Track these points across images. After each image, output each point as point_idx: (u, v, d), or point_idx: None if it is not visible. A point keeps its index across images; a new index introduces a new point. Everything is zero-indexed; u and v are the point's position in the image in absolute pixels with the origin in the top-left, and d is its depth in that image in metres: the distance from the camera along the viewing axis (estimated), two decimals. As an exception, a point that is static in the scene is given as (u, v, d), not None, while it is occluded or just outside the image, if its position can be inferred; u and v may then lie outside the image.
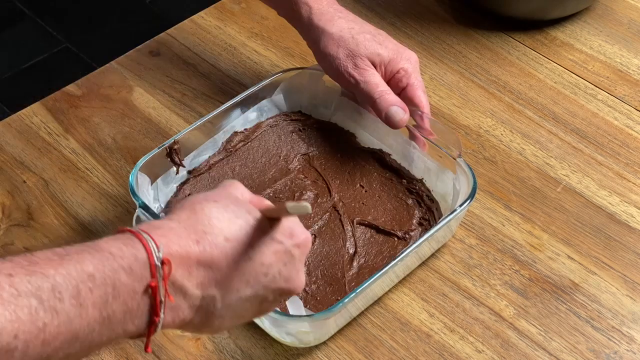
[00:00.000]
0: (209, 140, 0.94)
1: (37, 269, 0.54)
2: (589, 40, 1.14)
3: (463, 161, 0.89)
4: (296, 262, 0.64)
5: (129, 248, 0.57)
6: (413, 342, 0.84)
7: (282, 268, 0.63)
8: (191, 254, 0.59)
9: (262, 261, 0.62)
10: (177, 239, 0.59)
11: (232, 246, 0.60)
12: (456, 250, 0.91)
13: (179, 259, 0.59)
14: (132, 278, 0.57)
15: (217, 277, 0.60)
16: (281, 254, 0.62)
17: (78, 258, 0.56)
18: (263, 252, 0.62)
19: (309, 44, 0.95)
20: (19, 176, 0.97)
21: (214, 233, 0.60)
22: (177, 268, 0.58)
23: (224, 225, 0.61)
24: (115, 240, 0.58)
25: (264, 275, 0.62)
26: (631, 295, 0.88)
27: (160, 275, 0.57)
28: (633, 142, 1.02)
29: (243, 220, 0.62)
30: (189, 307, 0.60)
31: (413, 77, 0.92)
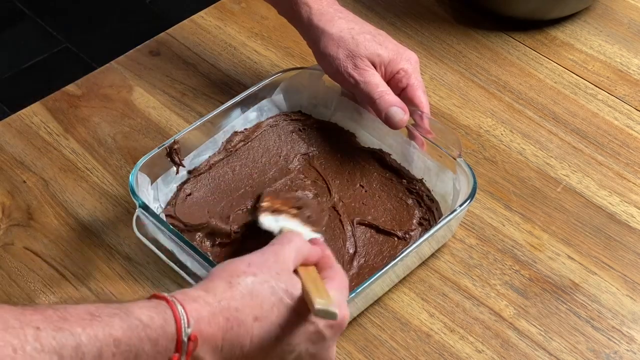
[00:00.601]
0: (209, 140, 0.94)
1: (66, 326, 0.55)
2: (589, 40, 1.14)
3: (463, 161, 0.89)
4: (327, 341, 0.64)
5: (159, 319, 0.58)
6: (413, 342, 0.84)
7: (310, 346, 0.63)
8: (219, 332, 0.60)
9: (290, 341, 0.62)
10: (209, 316, 0.60)
11: (260, 326, 0.61)
12: (456, 250, 0.91)
13: (206, 336, 0.60)
14: (156, 350, 0.58)
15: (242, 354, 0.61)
16: (311, 333, 0.63)
17: (108, 321, 0.57)
18: (292, 332, 0.62)
19: (309, 44, 0.95)
20: (19, 176, 0.97)
21: (245, 312, 0.61)
22: (203, 344, 0.59)
23: (257, 303, 0.61)
24: (148, 308, 0.59)
25: (289, 353, 0.62)
26: (631, 295, 0.88)
27: (184, 351, 0.58)
28: (633, 142, 1.02)
29: (277, 299, 0.62)
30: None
31: (413, 78, 0.92)
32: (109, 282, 0.87)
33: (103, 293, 0.86)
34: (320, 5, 0.93)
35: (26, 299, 0.86)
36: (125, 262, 0.89)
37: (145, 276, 0.87)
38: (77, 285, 0.87)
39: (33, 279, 0.87)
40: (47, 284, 0.87)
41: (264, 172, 0.94)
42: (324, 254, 0.70)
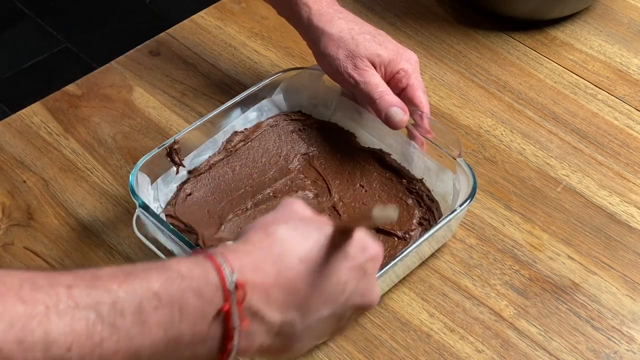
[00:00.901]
0: (209, 140, 0.94)
1: (100, 283, 0.53)
2: (589, 40, 1.14)
3: (463, 161, 0.89)
4: (369, 276, 0.63)
5: (199, 269, 0.56)
6: (413, 342, 0.84)
7: (358, 284, 0.62)
8: (268, 278, 0.58)
9: (339, 279, 0.60)
10: (253, 262, 0.58)
11: (306, 267, 0.59)
12: (456, 250, 0.91)
13: (255, 283, 0.57)
14: (202, 301, 0.55)
15: (295, 300, 0.59)
16: (356, 269, 0.61)
17: (144, 275, 0.54)
18: (338, 269, 0.60)
19: (308, 45, 0.95)
20: (19, 176, 0.97)
21: (289, 256, 0.59)
22: (253, 292, 0.57)
23: (297, 247, 0.60)
24: (186, 261, 0.57)
25: (341, 293, 0.61)
26: (631, 295, 0.88)
27: (234, 300, 0.56)
28: (633, 142, 1.02)
29: (314, 239, 0.60)
30: (266, 332, 0.59)
31: (413, 78, 0.92)
32: (109, 282, 0.87)
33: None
34: (320, 6, 0.93)
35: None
36: (125, 262, 0.89)
37: (145, 276, 0.87)
38: (77, 285, 0.87)
39: (33, 279, 0.87)
40: (47, 284, 0.87)
41: (264, 172, 0.94)
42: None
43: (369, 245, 0.63)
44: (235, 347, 0.56)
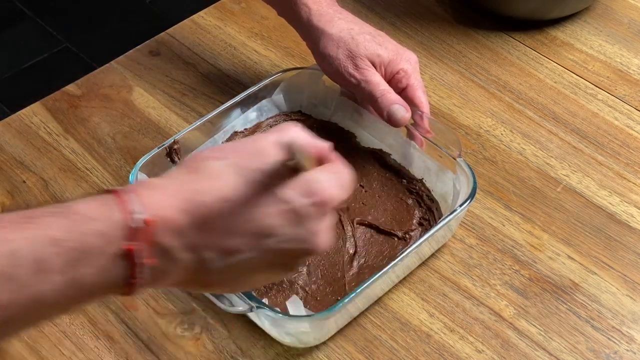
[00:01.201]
0: (209, 140, 0.94)
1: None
2: (589, 40, 1.14)
3: (463, 161, 0.89)
4: (311, 222, 0.58)
5: (104, 209, 0.54)
6: (413, 342, 0.84)
7: (293, 229, 0.58)
8: (181, 215, 0.56)
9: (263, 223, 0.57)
10: (168, 198, 0.56)
11: (229, 207, 0.56)
12: (456, 250, 0.91)
13: (166, 221, 0.55)
14: (104, 241, 0.53)
15: (211, 240, 0.57)
16: (289, 213, 0.57)
17: (43, 221, 0.53)
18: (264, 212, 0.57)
19: (308, 45, 0.95)
20: (19, 176, 0.97)
21: (211, 193, 0.56)
22: (165, 230, 0.55)
23: (224, 185, 0.57)
24: (92, 201, 0.55)
25: (267, 237, 0.57)
26: (631, 295, 0.88)
27: (140, 238, 0.54)
28: (633, 142, 1.02)
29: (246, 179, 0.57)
30: (179, 270, 0.57)
31: (413, 78, 0.92)
32: (108, 282, 0.87)
33: (103, 293, 0.86)
34: (320, 6, 0.93)
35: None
36: (125, 262, 0.89)
37: (145, 276, 0.87)
38: (77, 285, 0.87)
39: (33, 279, 0.87)
40: (47, 284, 0.87)
41: (264, 172, 0.94)
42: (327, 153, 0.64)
43: (316, 189, 0.58)
44: (141, 284, 0.55)
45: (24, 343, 0.83)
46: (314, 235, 0.59)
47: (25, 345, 0.83)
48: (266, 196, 0.57)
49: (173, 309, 0.85)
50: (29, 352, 0.82)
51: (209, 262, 0.57)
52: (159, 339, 0.83)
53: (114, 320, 0.85)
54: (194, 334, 0.84)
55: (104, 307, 0.85)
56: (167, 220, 0.55)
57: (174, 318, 0.85)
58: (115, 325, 0.84)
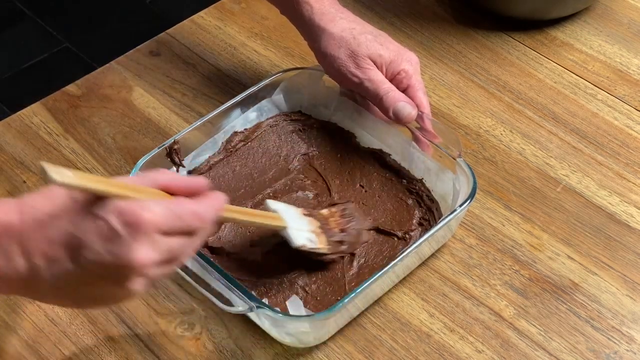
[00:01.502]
0: (209, 140, 0.94)
1: None
2: (589, 40, 1.14)
3: (463, 161, 0.89)
4: (126, 240, 0.62)
5: None
6: (413, 342, 0.84)
7: (106, 245, 0.62)
8: (13, 224, 0.63)
9: (78, 234, 0.62)
10: (7, 208, 0.63)
11: (52, 220, 0.63)
12: (456, 250, 0.91)
13: (3, 227, 0.63)
14: None
15: (39, 247, 0.63)
16: (103, 229, 0.62)
17: None
18: (79, 225, 0.62)
19: (309, 44, 0.95)
20: (19, 176, 0.97)
21: (42, 210, 0.63)
22: (3, 235, 0.62)
23: (52, 202, 0.63)
24: None
25: (80, 248, 0.62)
26: (631, 295, 0.88)
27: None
28: (633, 142, 1.02)
29: (72, 197, 0.63)
30: (14, 272, 0.63)
31: (414, 79, 0.92)
32: (109, 282, 0.87)
33: (103, 293, 0.86)
34: (322, 5, 0.94)
35: (26, 300, 0.86)
36: (125, 262, 0.89)
37: (145, 276, 0.87)
38: (77, 285, 0.87)
39: (33, 279, 0.87)
40: (47, 284, 0.87)
41: (264, 172, 0.94)
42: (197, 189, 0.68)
43: (127, 210, 0.62)
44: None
45: (24, 343, 0.83)
46: (130, 252, 0.62)
47: (25, 345, 0.83)
48: (82, 212, 0.62)
49: (173, 309, 0.85)
50: (29, 352, 0.82)
51: (39, 270, 0.63)
52: (159, 339, 0.83)
53: (114, 320, 0.85)
54: (194, 334, 0.84)
55: (104, 307, 0.85)
56: (5, 225, 0.63)
57: (174, 318, 0.85)
58: (115, 325, 0.84)
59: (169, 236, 0.64)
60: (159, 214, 0.63)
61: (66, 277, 0.63)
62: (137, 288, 0.65)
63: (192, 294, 0.86)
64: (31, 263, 0.63)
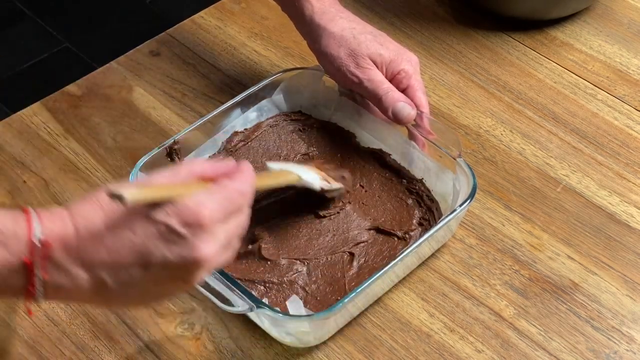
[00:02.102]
0: (209, 140, 0.94)
1: None
2: (588, 40, 1.14)
3: (463, 161, 0.89)
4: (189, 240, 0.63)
5: (12, 224, 0.62)
6: (413, 342, 0.84)
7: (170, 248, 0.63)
8: (71, 237, 0.63)
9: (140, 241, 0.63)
10: (61, 222, 0.63)
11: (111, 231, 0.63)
12: (456, 250, 0.91)
13: (59, 241, 0.62)
14: (7, 251, 0.62)
15: (101, 259, 0.63)
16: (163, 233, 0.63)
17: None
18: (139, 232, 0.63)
19: (309, 44, 0.95)
20: (19, 176, 0.97)
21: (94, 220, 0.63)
22: (60, 249, 0.62)
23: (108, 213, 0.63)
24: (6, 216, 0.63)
25: (150, 255, 0.63)
26: (631, 295, 0.88)
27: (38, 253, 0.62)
28: (633, 142, 1.02)
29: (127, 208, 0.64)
30: (77, 286, 0.63)
31: (413, 79, 0.92)
32: (109, 282, 0.87)
33: (103, 293, 0.86)
34: (322, 4, 0.94)
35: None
36: (125, 262, 0.89)
37: (145, 276, 0.87)
38: (77, 285, 0.87)
39: (33, 279, 0.87)
40: (47, 284, 0.87)
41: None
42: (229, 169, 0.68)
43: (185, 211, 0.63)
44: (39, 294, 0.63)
45: (25, 343, 0.83)
46: (194, 251, 0.63)
47: (25, 345, 0.83)
48: (141, 220, 0.63)
49: (173, 309, 0.85)
50: (30, 352, 0.82)
51: (103, 279, 0.64)
52: (159, 339, 0.83)
53: (114, 320, 0.85)
54: (194, 334, 0.84)
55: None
56: (62, 241, 0.63)
57: (174, 318, 0.85)
58: (115, 325, 0.84)
59: (225, 223, 0.65)
60: (214, 206, 0.64)
61: (133, 282, 0.64)
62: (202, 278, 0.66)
63: (192, 294, 0.86)
64: (95, 275, 0.63)
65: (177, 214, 0.63)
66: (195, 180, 0.67)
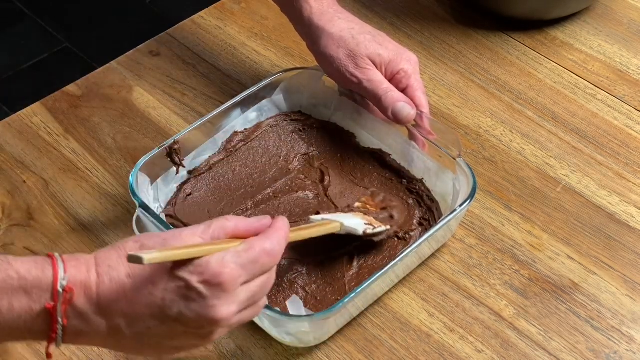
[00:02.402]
0: (209, 140, 0.94)
1: None
2: (588, 40, 1.14)
3: (463, 161, 0.89)
4: (208, 299, 0.64)
5: (38, 271, 0.64)
6: (413, 342, 0.84)
7: (188, 305, 0.64)
8: (93, 285, 0.65)
9: (159, 296, 0.64)
10: (86, 269, 0.65)
11: (133, 282, 0.65)
12: (456, 250, 0.91)
13: (82, 288, 0.64)
14: (30, 298, 0.63)
15: (120, 308, 0.65)
16: (181, 289, 0.64)
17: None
18: (160, 288, 0.64)
19: (308, 45, 0.95)
20: (19, 176, 0.97)
21: (118, 269, 0.65)
22: (80, 296, 0.64)
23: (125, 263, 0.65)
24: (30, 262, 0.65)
25: (167, 309, 0.64)
26: (631, 295, 0.88)
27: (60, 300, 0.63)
28: (633, 142, 1.02)
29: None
30: (95, 331, 0.65)
31: (413, 79, 0.92)
32: (109, 282, 0.87)
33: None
34: (321, 5, 0.94)
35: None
36: (125, 262, 0.89)
37: (145, 276, 0.87)
38: (77, 285, 0.87)
39: (33, 279, 0.87)
40: (47, 284, 0.87)
41: (264, 172, 0.95)
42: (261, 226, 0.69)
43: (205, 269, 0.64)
44: (59, 338, 0.64)
45: (24, 343, 0.83)
46: (211, 309, 0.65)
47: (25, 344, 0.83)
48: (163, 275, 0.65)
49: (173, 309, 0.85)
50: (31, 353, 0.82)
51: (119, 327, 0.65)
52: (159, 339, 0.83)
53: (114, 320, 0.84)
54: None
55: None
56: (84, 288, 0.64)
57: (174, 318, 0.85)
58: (115, 325, 0.84)
59: (248, 283, 0.66)
60: (236, 267, 0.65)
61: (149, 334, 0.66)
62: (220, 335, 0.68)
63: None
64: (112, 322, 0.65)
65: (199, 272, 0.64)
66: (226, 238, 0.67)
